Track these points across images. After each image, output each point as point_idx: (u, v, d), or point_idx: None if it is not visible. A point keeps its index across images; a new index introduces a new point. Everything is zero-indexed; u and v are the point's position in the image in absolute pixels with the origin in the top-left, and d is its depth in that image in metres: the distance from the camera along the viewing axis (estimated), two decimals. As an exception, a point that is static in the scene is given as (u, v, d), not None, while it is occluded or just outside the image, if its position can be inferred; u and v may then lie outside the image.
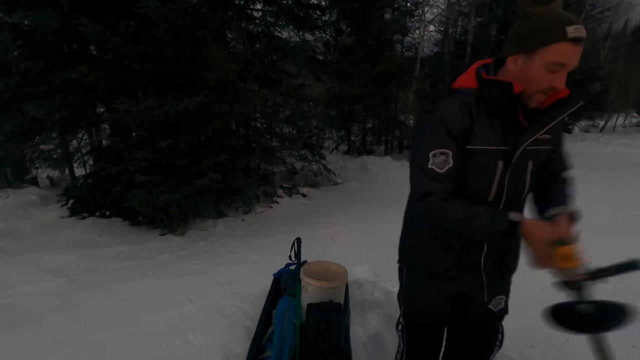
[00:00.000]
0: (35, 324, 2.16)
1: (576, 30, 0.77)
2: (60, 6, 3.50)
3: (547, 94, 0.85)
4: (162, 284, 2.71)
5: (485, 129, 0.93)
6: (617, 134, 14.89)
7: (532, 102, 0.88)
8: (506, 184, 0.97)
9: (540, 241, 0.85)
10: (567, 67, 0.81)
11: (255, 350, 1.68)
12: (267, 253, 3.36)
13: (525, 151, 0.94)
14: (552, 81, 0.82)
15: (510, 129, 0.93)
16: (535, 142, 0.94)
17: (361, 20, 8.74)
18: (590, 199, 4.53)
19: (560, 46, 0.78)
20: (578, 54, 0.80)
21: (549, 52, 0.80)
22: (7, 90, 3.92)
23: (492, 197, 0.99)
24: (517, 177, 0.98)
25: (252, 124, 5.93)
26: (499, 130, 0.93)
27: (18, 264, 3.13)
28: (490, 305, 1.16)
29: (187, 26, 3.66)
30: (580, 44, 0.79)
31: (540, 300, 2.36)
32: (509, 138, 0.93)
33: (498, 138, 0.93)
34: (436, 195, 0.93)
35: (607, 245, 3.04)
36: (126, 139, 4.09)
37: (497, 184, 0.97)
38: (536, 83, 0.84)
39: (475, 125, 0.92)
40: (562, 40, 0.78)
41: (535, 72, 0.83)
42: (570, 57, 0.79)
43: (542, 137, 0.94)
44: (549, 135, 0.96)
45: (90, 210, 4.64)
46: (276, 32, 5.69)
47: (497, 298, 1.16)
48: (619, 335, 1.95)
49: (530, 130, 0.92)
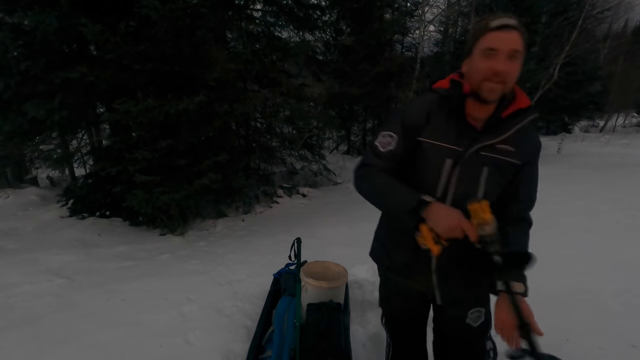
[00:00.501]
0: (35, 324, 2.16)
1: (499, 21, 0.88)
2: (60, 6, 3.50)
3: (493, 81, 0.90)
4: (162, 284, 2.71)
5: (441, 126, 1.00)
6: (617, 134, 14.89)
7: (483, 93, 0.92)
8: (453, 183, 0.99)
9: (450, 215, 0.90)
10: (498, 50, 0.87)
11: (255, 350, 1.68)
12: (267, 253, 3.36)
13: (480, 155, 0.97)
14: (491, 66, 0.89)
15: (466, 132, 0.98)
16: (493, 150, 0.97)
17: (361, 20, 8.73)
18: (590, 199, 4.53)
19: (487, 36, 0.89)
20: (508, 38, 0.87)
21: (480, 43, 0.90)
22: (7, 90, 3.92)
23: (439, 193, 1.01)
24: (467, 179, 0.99)
25: (252, 124, 5.93)
26: (453, 130, 0.99)
27: (18, 264, 3.13)
28: (468, 320, 1.13)
29: (187, 26, 3.65)
30: (507, 30, 0.87)
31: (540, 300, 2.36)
32: (463, 140, 0.98)
33: (452, 137, 0.99)
34: (371, 168, 1.05)
35: (607, 245, 3.04)
36: (126, 139, 4.08)
37: (444, 182, 1.00)
38: (478, 71, 0.91)
39: (431, 120, 1.01)
40: (488, 32, 0.89)
41: (475, 63, 0.92)
42: (498, 41, 0.87)
43: (501, 147, 0.97)
44: (512, 148, 0.98)
45: (90, 210, 4.64)
46: (276, 32, 5.68)
47: (474, 311, 1.13)
48: (619, 335, 1.96)
49: (486, 136, 0.97)
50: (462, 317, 1.14)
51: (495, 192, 1.01)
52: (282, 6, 5.52)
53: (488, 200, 0.91)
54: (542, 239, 3.60)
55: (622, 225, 3.58)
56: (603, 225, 3.58)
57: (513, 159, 0.99)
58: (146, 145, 3.84)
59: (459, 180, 0.99)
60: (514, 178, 1.02)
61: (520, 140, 0.98)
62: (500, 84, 0.90)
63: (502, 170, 0.99)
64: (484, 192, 1.00)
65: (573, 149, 10.67)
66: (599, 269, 2.58)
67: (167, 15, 3.40)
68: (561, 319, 2.05)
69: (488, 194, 1.00)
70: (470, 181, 0.99)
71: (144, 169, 3.82)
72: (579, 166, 7.57)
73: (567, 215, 3.96)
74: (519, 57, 0.89)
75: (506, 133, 0.96)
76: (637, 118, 20.64)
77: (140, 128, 3.87)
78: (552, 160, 8.63)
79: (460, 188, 1.00)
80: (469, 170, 0.98)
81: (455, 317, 1.16)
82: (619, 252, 2.85)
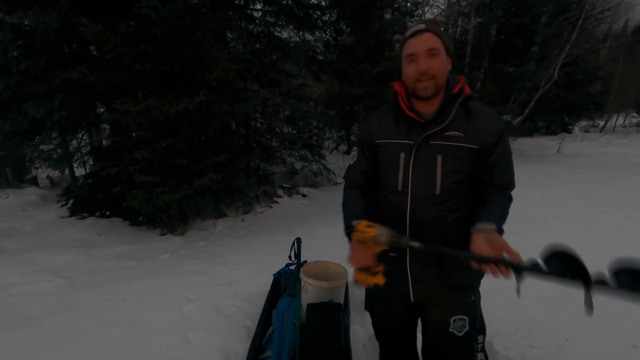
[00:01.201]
0: (35, 324, 2.16)
1: (412, 29, 1.01)
2: (60, 6, 3.50)
3: (422, 80, 1.00)
4: (162, 284, 2.71)
5: (391, 126, 1.10)
6: (617, 134, 14.89)
7: (419, 92, 1.02)
8: (410, 174, 1.05)
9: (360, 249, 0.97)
10: (416, 54, 0.99)
11: (255, 350, 1.68)
12: (267, 253, 3.36)
13: (432, 145, 1.03)
14: (415, 68, 1.00)
15: (415, 127, 1.06)
16: (444, 138, 1.02)
17: (361, 20, 8.73)
18: (590, 199, 4.53)
19: (406, 45, 1.02)
20: (421, 40, 0.99)
21: (403, 52, 1.04)
22: (7, 90, 3.92)
23: (400, 186, 1.08)
24: (423, 169, 1.04)
25: (252, 124, 5.93)
26: (403, 127, 1.08)
27: (18, 264, 3.13)
28: (452, 328, 1.13)
29: (187, 26, 3.65)
30: (419, 34, 0.99)
31: (540, 300, 2.37)
32: (413, 134, 1.06)
33: (403, 133, 1.07)
34: (346, 181, 1.23)
35: (607, 245, 3.04)
36: (126, 139, 4.08)
37: (402, 174, 1.07)
38: (408, 75, 1.03)
39: (383, 124, 1.12)
40: (406, 41, 1.02)
41: (404, 70, 1.05)
42: (414, 47, 0.99)
43: (451, 134, 1.02)
44: (461, 133, 1.02)
45: (90, 210, 4.64)
46: (276, 32, 5.68)
47: (456, 319, 1.13)
48: (619, 335, 1.96)
49: (431, 125, 1.03)
50: (444, 324, 1.14)
51: (456, 179, 1.04)
52: (282, 6, 5.52)
53: (450, 186, 1.02)
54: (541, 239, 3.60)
55: (622, 225, 3.58)
56: (603, 225, 3.58)
57: (466, 144, 1.02)
58: (146, 145, 3.84)
59: (415, 172, 1.05)
60: (480, 163, 1.04)
61: (471, 125, 1.03)
62: (430, 80, 1.00)
63: (457, 157, 1.03)
64: (441, 180, 1.03)
65: (573, 149, 10.67)
66: (599, 269, 2.58)
67: (167, 15, 3.40)
68: (561, 319, 2.05)
69: (447, 181, 1.03)
70: (426, 171, 1.04)
71: (144, 169, 3.82)
72: (578, 166, 7.57)
73: (567, 215, 3.97)
74: (436, 52, 0.99)
75: (447, 119, 1.01)
76: (637, 118, 20.64)
77: (140, 128, 3.87)
78: (552, 160, 8.63)
79: (417, 179, 1.05)
80: (424, 161, 1.04)
81: (438, 323, 1.15)
82: (619, 252, 2.85)
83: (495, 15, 9.47)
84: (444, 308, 1.14)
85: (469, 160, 1.03)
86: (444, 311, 1.14)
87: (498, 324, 2.02)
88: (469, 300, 1.14)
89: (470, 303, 1.15)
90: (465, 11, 10.81)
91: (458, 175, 1.04)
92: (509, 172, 1.07)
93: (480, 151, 1.03)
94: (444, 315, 1.14)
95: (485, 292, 2.34)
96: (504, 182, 1.06)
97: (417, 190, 1.05)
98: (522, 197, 4.90)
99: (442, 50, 1.00)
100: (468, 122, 1.03)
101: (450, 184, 1.04)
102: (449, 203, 1.05)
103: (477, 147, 1.02)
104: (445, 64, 1.02)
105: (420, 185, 1.05)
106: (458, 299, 1.13)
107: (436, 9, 12.22)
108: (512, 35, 9.60)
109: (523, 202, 4.64)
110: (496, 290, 2.39)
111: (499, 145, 1.03)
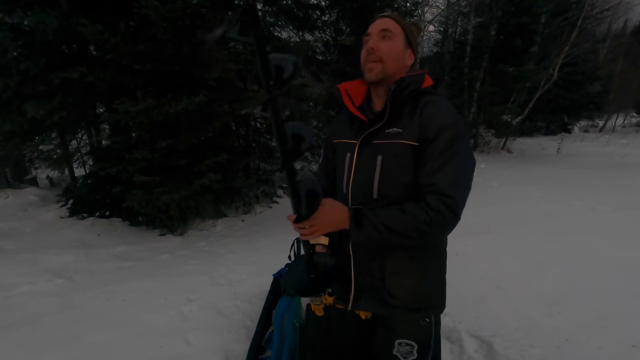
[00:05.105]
0: (35, 324, 2.15)
1: (376, 16, 0.99)
2: (60, 6, 3.50)
3: (369, 60, 0.96)
4: (162, 284, 2.71)
5: (345, 126, 1.08)
6: (617, 134, 14.89)
7: (365, 74, 0.98)
8: (352, 175, 1.02)
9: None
10: (371, 33, 0.97)
11: (255, 350, 1.68)
12: (267, 253, 3.35)
13: (374, 145, 0.97)
14: (367, 47, 0.97)
15: (361, 126, 1.02)
16: (385, 136, 0.96)
17: (361, 20, 8.72)
18: (590, 199, 4.53)
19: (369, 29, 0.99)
20: (378, 22, 0.97)
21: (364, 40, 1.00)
22: (7, 90, 3.92)
23: (344, 188, 1.04)
24: (363, 169, 0.99)
25: (252, 124, 5.93)
26: (355, 127, 1.04)
27: (18, 264, 3.12)
28: (395, 351, 1.02)
29: (187, 26, 3.65)
30: (379, 18, 0.97)
31: (540, 300, 2.36)
32: (359, 133, 1.01)
33: (352, 133, 1.04)
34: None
35: (607, 245, 3.04)
36: (126, 139, 4.08)
37: (346, 175, 1.03)
38: (361, 57, 1.00)
39: (339, 124, 1.12)
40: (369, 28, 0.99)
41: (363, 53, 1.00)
42: (370, 28, 0.98)
43: (390, 131, 0.95)
44: (400, 129, 0.94)
45: (90, 210, 4.64)
46: (276, 32, 5.68)
47: (402, 342, 1.02)
48: (619, 335, 1.95)
49: (373, 123, 0.98)
50: (389, 344, 1.04)
51: (396, 181, 0.94)
52: (281, 6, 5.52)
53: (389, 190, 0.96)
54: (541, 239, 3.58)
55: (622, 225, 3.58)
56: (603, 225, 3.58)
57: (404, 140, 0.92)
58: (146, 146, 3.84)
59: (356, 173, 1.01)
60: (421, 162, 0.92)
61: (412, 120, 0.93)
62: (377, 62, 0.95)
63: (397, 156, 0.93)
64: (379, 182, 0.95)
65: (573, 149, 10.67)
66: (599, 269, 2.58)
67: (166, 15, 3.40)
68: (561, 319, 2.05)
69: (385, 183, 0.95)
70: (364, 170, 0.98)
71: (144, 169, 3.82)
72: (578, 166, 7.57)
73: (567, 215, 3.96)
74: (390, 35, 0.95)
75: (385, 116, 0.95)
76: (636, 118, 20.63)
77: (139, 128, 3.87)
78: (552, 160, 8.64)
79: (356, 181, 1.01)
80: (363, 162, 0.99)
81: (384, 341, 1.06)
82: (619, 252, 2.85)
83: (495, 15, 9.46)
84: (390, 327, 1.04)
85: (409, 160, 0.92)
86: (389, 330, 1.05)
87: (498, 324, 2.02)
88: (422, 324, 1.02)
89: (423, 327, 1.03)
90: (465, 11, 10.82)
91: (399, 177, 0.94)
92: (448, 178, 0.86)
93: (421, 149, 0.91)
94: (389, 332, 1.04)
95: (485, 292, 2.35)
96: (437, 186, 0.86)
97: (355, 193, 1.00)
98: (522, 197, 4.91)
99: (398, 37, 0.95)
100: (411, 118, 0.93)
101: (389, 189, 0.95)
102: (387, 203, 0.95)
103: (417, 144, 0.91)
104: (398, 51, 0.95)
105: (359, 188, 0.99)
106: (406, 320, 1.03)
107: (436, 9, 12.24)
108: (512, 35, 9.59)
109: (523, 201, 4.68)
110: (496, 290, 2.39)
111: (437, 142, 0.88)
